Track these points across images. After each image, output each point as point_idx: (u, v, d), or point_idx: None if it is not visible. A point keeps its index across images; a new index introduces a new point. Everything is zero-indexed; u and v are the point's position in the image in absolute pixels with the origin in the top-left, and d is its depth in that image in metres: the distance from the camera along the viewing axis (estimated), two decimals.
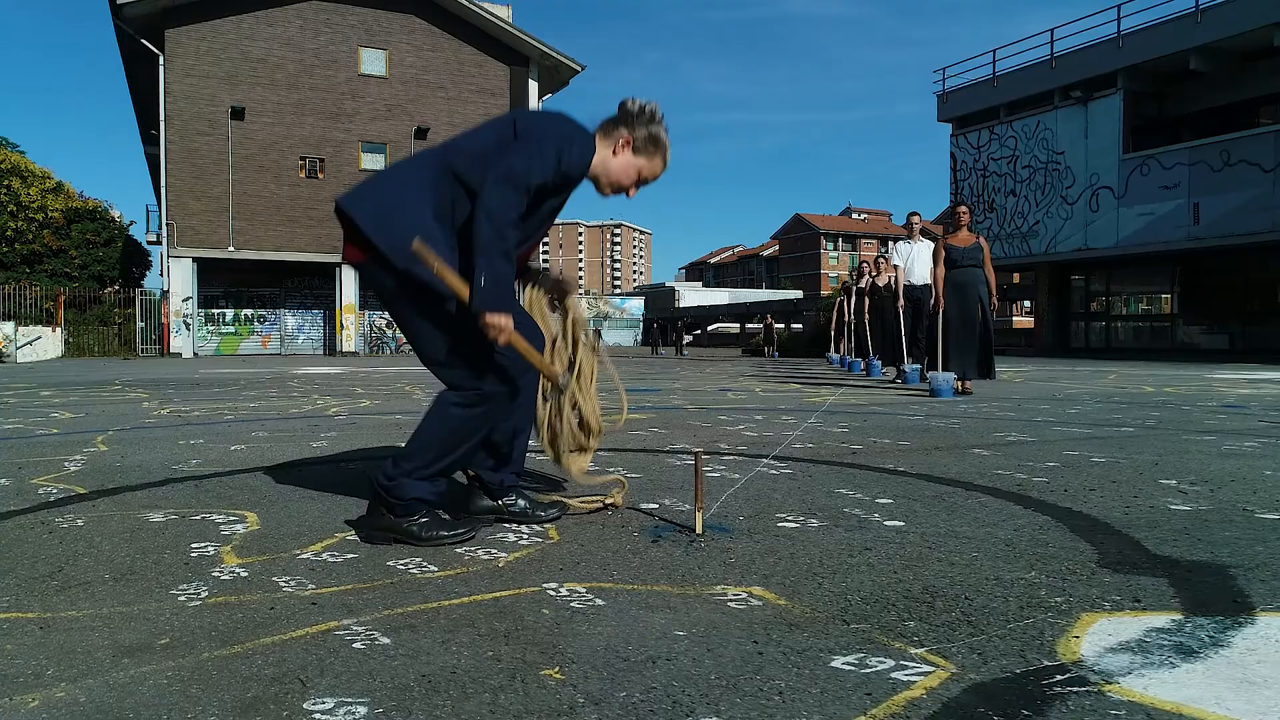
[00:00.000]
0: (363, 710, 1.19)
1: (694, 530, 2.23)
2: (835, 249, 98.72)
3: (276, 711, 1.19)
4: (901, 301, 9.61)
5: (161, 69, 24.40)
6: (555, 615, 1.60)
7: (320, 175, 26.40)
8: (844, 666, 1.33)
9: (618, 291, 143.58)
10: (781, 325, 48.51)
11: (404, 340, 24.17)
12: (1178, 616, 1.57)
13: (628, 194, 2.27)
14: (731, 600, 1.68)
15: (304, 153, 26.19)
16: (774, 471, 3.27)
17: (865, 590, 1.74)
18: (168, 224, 24.71)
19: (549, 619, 1.58)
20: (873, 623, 1.54)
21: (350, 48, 26.75)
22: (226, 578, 1.86)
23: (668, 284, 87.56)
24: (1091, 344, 25.38)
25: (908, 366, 9.38)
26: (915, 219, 9.64)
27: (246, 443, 4.25)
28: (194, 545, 2.15)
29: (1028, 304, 41.59)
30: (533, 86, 28.90)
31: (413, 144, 27.31)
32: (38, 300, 26.11)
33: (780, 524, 2.35)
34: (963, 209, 7.80)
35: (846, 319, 13.91)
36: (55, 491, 2.92)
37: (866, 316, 12.00)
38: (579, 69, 28.87)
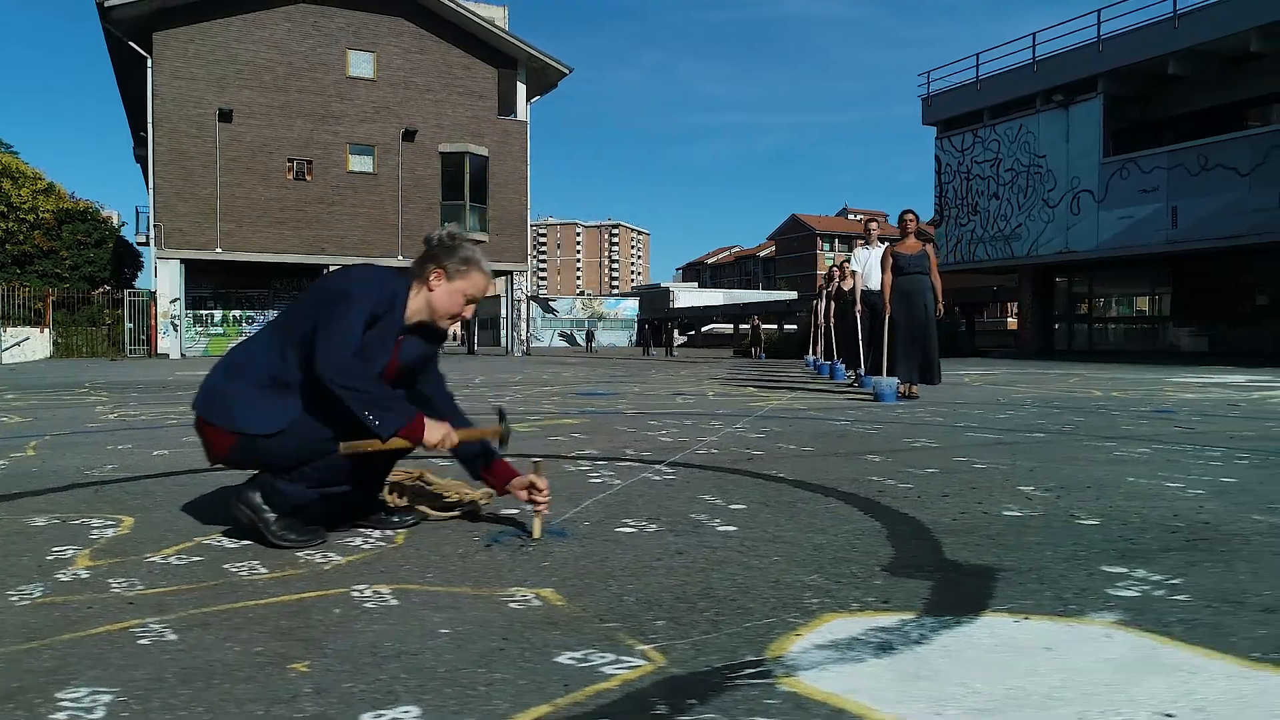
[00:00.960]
0: (107, 698, 1.33)
1: (531, 535, 2.37)
2: (832, 250, 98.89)
3: (30, 699, 1.33)
4: (859, 306, 9.76)
5: (149, 71, 24.55)
6: (344, 614, 1.74)
7: (308, 177, 26.56)
8: (567, 661, 1.48)
9: (615, 292, 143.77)
10: (774, 326, 48.72)
11: None
12: (910, 616, 1.71)
13: (464, 316, 2.41)
14: (515, 601, 1.82)
15: (292, 155, 26.35)
16: (658, 477, 3.41)
17: (646, 592, 1.88)
18: (155, 225, 24.86)
19: (336, 618, 1.72)
20: (626, 622, 1.68)
21: (338, 50, 26.91)
22: (67, 579, 2.01)
23: (663, 284, 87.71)
24: (1075, 346, 25.53)
25: (863, 370, 9.53)
26: (874, 225, 9.81)
27: (173, 448, 4.40)
28: (56, 549, 2.29)
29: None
30: (520, 89, 29.06)
31: (400, 145, 27.49)
32: (27, 301, 26.30)
33: (618, 529, 2.49)
34: (909, 216, 7.94)
35: (819, 322, 14.08)
36: None
37: (833, 320, 12.17)
38: (566, 71, 29.02)
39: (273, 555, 2.22)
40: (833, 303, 12.29)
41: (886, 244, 9.11)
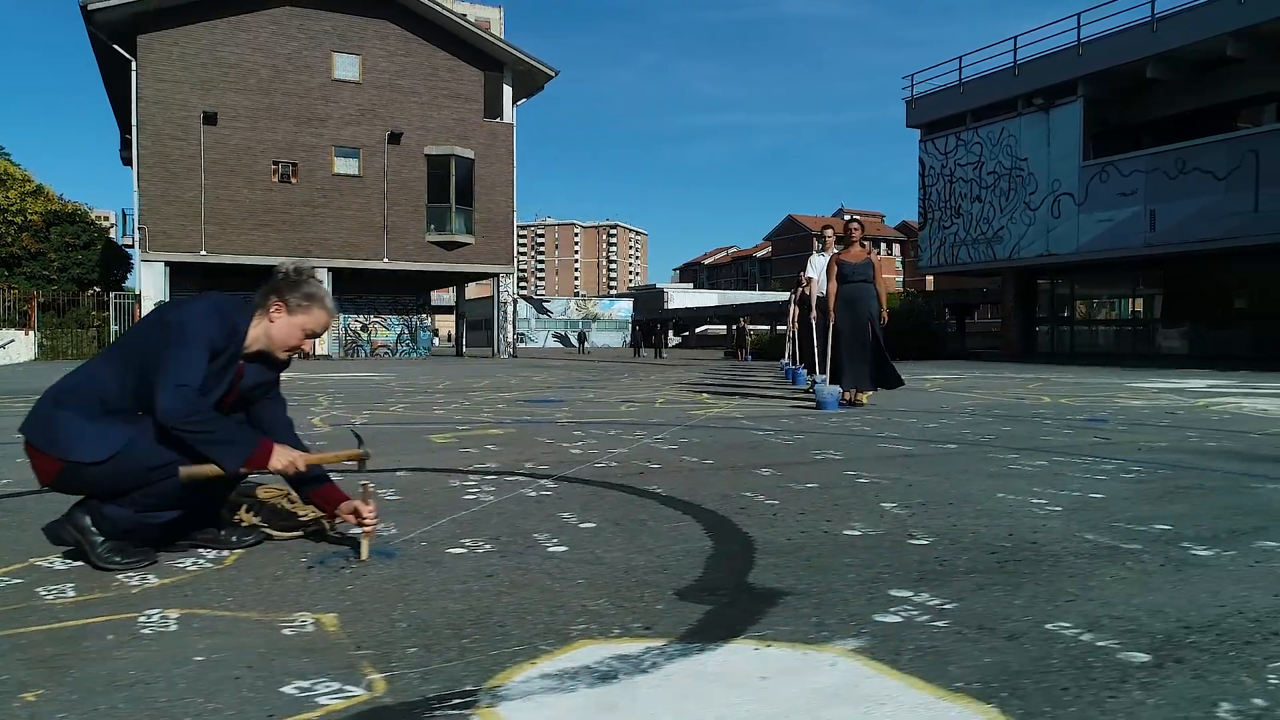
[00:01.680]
0: None
1: (359, 556, 2.42)
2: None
3: None
4: (814, 313, 9.81)
5: (134, 74, 24.61)
6: (115, 641, 1.79)
7: (293, 180, 26.63)
8: (290, 691, 1.53)
9: (614, 292, 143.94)
10: (765, 327, 48.78)
11: (378, 344, 24.30)
12: (660, 644, 1.76)
13: (301, 349, 2.50)
14: (290, 627, 1.87)
15: (276, 157, 26.41)
16: (533, 493, 3.46)
17: (424, 618, 1.93)
18: (140, 228, 24.93)
19: (104, 645, 1.77)
20: (379, 650, 1.73)
21: (323, 53, 26.97)
22: None
23: (658, 285, 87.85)
24: (1058, 348, 25.59)
25: (818, 376, 9.58)
26: (829, 232, 9.86)
27: None
28: None
29: None
30: (506, 91, 29.13)
31: (386, 148, 27.55)
32: (15, 303, 26.38)
33: (451, 549, 2.54)
34: (854, 224, 8.00)
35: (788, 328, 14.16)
36: None
37: (797, 326, 12.24)
38: (552, 74, 29.09)
39: (93, 578, 2.27)
40: (797, 308, 12.35)
41: (834, 251, 9.15)
